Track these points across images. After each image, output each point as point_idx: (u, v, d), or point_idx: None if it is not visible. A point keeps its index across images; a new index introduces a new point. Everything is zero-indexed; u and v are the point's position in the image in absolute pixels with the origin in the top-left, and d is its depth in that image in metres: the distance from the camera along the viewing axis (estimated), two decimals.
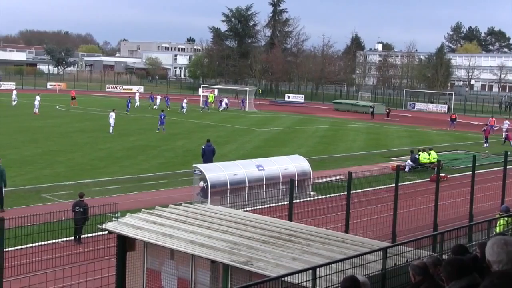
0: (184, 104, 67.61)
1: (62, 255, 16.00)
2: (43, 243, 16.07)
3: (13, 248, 14.91)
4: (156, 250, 12.12)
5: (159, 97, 74.07)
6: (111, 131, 45.98)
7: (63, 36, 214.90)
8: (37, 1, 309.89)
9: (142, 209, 13.52)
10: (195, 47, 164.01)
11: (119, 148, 38.94)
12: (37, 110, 58.79)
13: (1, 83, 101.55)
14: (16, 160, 32.90)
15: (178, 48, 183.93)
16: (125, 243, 12.55)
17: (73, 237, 19.14)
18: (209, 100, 75.90)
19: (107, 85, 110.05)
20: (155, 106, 70.05)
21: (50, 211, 14.94)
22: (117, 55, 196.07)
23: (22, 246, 15.75)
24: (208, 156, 29.60)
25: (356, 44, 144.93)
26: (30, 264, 14.70)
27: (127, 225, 12.48)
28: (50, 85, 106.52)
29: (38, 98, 59.67)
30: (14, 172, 29.55)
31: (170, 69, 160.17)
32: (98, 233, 17.81)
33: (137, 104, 70.99)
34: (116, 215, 14.48)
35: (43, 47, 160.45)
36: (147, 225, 12.34)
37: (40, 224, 15.20)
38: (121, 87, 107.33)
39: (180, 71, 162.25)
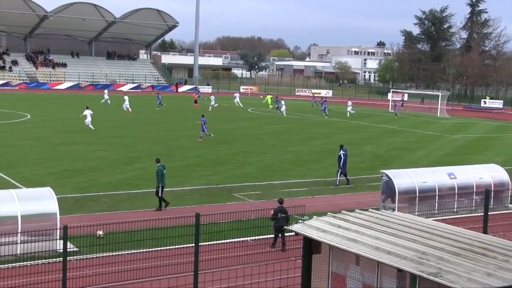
0: (350, 108, 67.08)
1: (251, 253, 16.55)
2: (233, 240, 16.76)
3: (207, 243, 15.74)
4: (342, 254, 12.06)
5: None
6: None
7: (256, 41, 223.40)
8: (233, 9, 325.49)
9: (328, 213, 13.54)
10: (385, 51, 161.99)
11: (307, 151, 39.51)
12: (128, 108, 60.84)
13: (199, 86, 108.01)
14: (211, 159, 34.73)
15: (368, 52, 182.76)
16: (311, 246, 12.65)
17: (257, 237, 19.56)
18: (266, 102, 73.40)
19: (296, 89, 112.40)
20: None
21: (240, 210, 15.50)
22: (307, 59, 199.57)
23: (215, 242, 16.57)
24: (345, 161, 29.04)
25: None
26: (221, 260, 15.38)
27: (313, 228, 12.56)
28: (243, 88, 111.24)
29: (127, 97, 61.98)
30: (209, 171, 31.22)
31: (359, 73, 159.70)
32: (286, 234, 18.21)
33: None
34: (303, 218, 14.65)
35: (238, 53, 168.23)
36: (332, 228, 12.34)
37: (231, 222, 15.86)
38: (310, 91, 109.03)
39: (370, 75, 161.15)
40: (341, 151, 29.27)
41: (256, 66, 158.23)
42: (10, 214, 16.90)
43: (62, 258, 12.71)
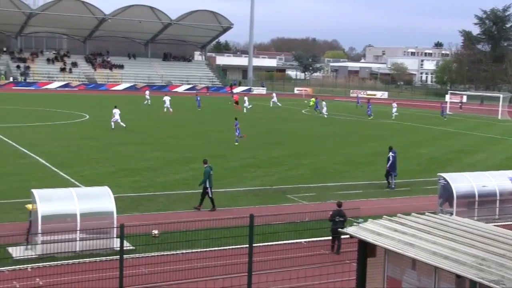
0: (395, 110, 66.24)
1: (305, 255, 16.48)
2: (287, 242, 16.73)
3: (261, 244, 15.75)
4: (397, 258, 11.88)
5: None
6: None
7: (311, 42, 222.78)
8: (288, 10, 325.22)
9: (384, 216, 13.36)
10: (443, 51, 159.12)
11: (360, 153, 39.15)
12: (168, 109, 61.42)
13: (253, 87, 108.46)
14: (264, 160, 34.79)
15: (425, 53, 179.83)
16: (366, 249, 12.51)
17: (311, 239, 19.47)
18: (310, 104, 71.96)
19: (351, 90, 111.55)
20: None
21: (294, 212, 15.46)
22: (362, 60, 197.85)
23: (269, 243, 16.57)
24: (394, 164, 28.54)
25: None
26: (275, 261, 15.36)
27: (368, 231, 12.42)
28: (297, 89, 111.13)
29: (167, 98, 62.79)
30: (263, 172, 31.28)
31: (415, 74, 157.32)
32: (341, 237, 18.03)
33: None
34: (358, 220, 14.51)
35: (292, 54, 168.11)
36: (388, 232, 12.17)
37: (285, 223, 15.84)
38: (365, 93, 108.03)
39: (426, 76, 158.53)
40: (390, 152, 28.92)
41: (311, 67, 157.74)
42: (70, 212, 17.30)
43: (118, 256, 12.94)
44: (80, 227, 17.06)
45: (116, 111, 46.59)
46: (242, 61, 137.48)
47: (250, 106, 66.94)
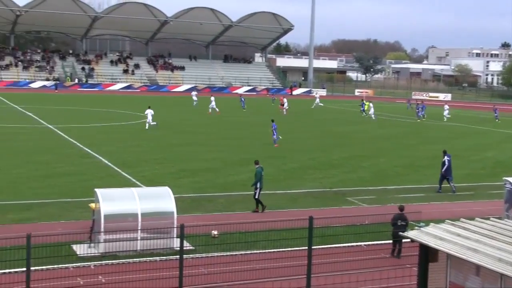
0: (446, 112, 64.56)
1: (364, 258, 16.27)
2: (347, 244, 16.55)
3: (320, 247, 15.64)
4: (460, 264, 11.60)
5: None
6: None
7: (372, 44, 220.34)
8: (349, 11, 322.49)
9: (446, 220, 13.07)
10: (510, 52, 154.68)
11: (422, 156, 38.41)
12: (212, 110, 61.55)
13: (313, 89, 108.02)
14: (324, 162, 34.57)
15: (491, 54, 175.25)
16: (427, 253, 12.26)
17: (371, 242, 19.22)
18: (365, 108, 69.85)
19: (413, 92, 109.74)
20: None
21: (354, 215, 15.30)
22: (425, 62, 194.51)
23: (328, 246, 16.44)
24: (450, 168, 27.77)
25: None
26: (335, 264, 15.22)
27: (430, 235, 12.17)
28: (357, 91, 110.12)
29: (213, 98, 63.43)
30: (322, 174, 31.10)
31: (480, 76, 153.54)
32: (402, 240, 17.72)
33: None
34: (420, 224, 14.24)
35: (353, 55, 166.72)
36: (450, 237, 11.90)
37: (345, 226, 15.68)
38: (427, 95, 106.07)
39: (492, 78, 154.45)
40: (446, 157, 28.24)
41: (372, 69, 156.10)
42: (131, 211, 17.58)
43: (178, 256, 13.08)
44: (141, 227, 17.33)
45: (149, 112, 47.27)
46: (302, 62, 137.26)
47: (288, 107, 66.63)
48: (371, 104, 64.81)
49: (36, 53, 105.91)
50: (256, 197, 22.96)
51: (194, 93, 75.30)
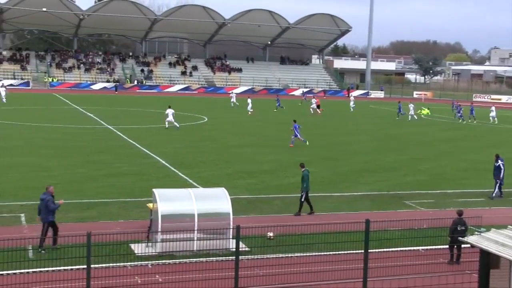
0: (493, 114, 62.81)
1: (422, 263, 15.99)
2: (404, 248, 16.28)
3: (376, 250, 15.46)
4: None
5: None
6: None
7: (431, 45, 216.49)
8: (408, 12, 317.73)
9: (509, 226, 12.71)
10: None
11: (483, 160, 37.37)
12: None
13: (371, 91, 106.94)
14: (379, 165, 34.15)
15: None
16: (488, 260, 11.95)
17: (429, 247, 18.81)
18: (423, 113, 67.39)
19: (473, 95, 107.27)
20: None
21: (412, 218, 15.06)
22: (487, 63, 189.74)
23: (385, 249, 16.22)
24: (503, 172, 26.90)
25: None
26: (391, 268, 15.01)
27: (491, 241, 11.87)
28: (416, 93, 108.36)
29: (249, 100, 63.65)
30: (378, 177, 30.72)
31: None
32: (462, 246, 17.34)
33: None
34: (480, 229, 13.91)
35: (412, 57, 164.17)
36: None
37: (402, 230, 15.44)
38: (489, 97, 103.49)
39: None
40: (499, 161, 27.38)
41: (431, 71, 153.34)
42: (188, 212, 17.75)
43: (234, 257, 13.13)
44: (197, 227, 17.47)
45: (170, 111, 47.58)
46: (360, 64, 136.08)
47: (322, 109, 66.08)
48: (411, 105, 63.82)
49: (97, 56, 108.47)
50: (302, 200, 22.84)
51: (233, 94, 75.90)
